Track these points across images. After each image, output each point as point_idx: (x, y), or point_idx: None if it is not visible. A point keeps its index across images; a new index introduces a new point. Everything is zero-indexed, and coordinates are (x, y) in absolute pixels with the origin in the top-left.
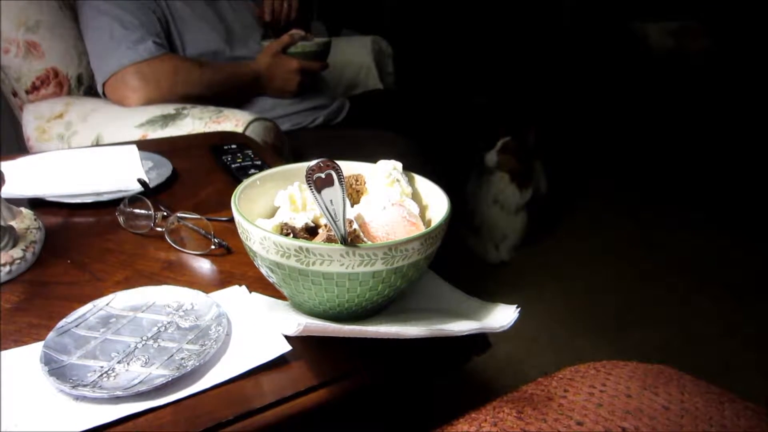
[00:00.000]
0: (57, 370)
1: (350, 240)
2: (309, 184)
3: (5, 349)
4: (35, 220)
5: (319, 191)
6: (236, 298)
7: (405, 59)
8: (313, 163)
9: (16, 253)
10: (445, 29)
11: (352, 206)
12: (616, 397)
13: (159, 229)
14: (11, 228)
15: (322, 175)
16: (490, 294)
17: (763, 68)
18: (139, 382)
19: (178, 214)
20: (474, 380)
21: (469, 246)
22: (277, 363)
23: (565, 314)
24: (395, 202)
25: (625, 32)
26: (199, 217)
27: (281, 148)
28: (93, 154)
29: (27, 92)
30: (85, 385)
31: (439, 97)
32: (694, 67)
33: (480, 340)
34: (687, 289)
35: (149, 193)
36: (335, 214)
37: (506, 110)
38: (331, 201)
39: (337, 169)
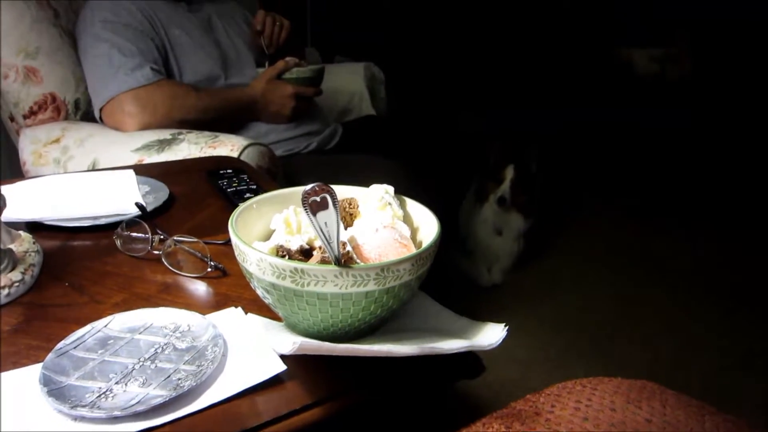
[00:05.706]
0: (56, 391)
1: (344, 261)
2: (305, 207)
3: (5, 370)
4: (34, 243)
5: (314, 214)
6: (232, 319)
7: (397, 85)
8: (309, 187)
9: (15, 276)
10: (437, 56)
11: (345, 229)
12: (601, 411)
13: (156, 252)
14: (10, 251)
15: (318, 199)
16: (482, 315)
17: (743, 88)
18: (137, 403)
19: (175, 238)
20: (466, 402)
21: (461, 269)
22: (273, 382)
23: (557, 335)
24: (387, 225)
25: (611, 58)
26: (195, 240)
27: (276, 173)
28: (91, 179)
29: (24, 117)
30: (83, 406)
31: (430, 122)
32: (677, 89)
33: (474, 364)
34: (677, 308)
35: (146, 217)
36: (329, 236)
37: (499, 136)
38: (325, 223)
39: (331, 193)
